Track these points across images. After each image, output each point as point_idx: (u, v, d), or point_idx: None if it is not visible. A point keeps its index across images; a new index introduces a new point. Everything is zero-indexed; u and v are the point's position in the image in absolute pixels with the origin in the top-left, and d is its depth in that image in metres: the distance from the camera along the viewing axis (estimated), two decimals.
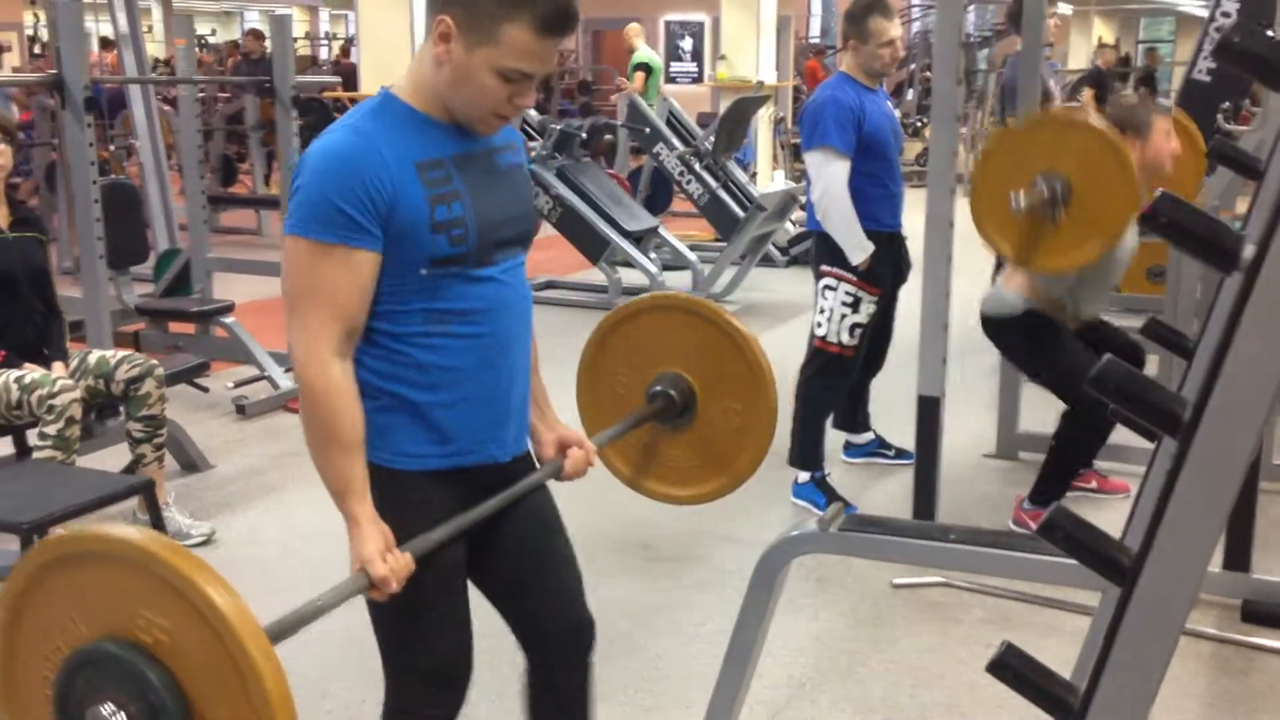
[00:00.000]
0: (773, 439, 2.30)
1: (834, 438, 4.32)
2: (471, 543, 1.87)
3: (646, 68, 10.72)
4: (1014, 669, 1.18)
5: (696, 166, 7.83)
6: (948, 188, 3.34)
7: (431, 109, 1.74)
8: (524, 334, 1.89)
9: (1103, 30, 23.23)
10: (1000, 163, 3.46)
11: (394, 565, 1.66)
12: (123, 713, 1.36)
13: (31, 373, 3.45)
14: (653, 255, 7.48)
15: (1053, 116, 3.86)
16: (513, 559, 1.96)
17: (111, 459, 3.96)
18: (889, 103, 4.06)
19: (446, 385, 1.77)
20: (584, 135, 7.58)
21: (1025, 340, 3.72)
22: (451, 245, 1.71)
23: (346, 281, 1.66)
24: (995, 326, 3.76)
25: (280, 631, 1.51)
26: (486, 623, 1.98)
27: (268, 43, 9.92)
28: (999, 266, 5.51)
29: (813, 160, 3.82)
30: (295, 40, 5.86)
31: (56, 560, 1.42)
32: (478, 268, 1.75)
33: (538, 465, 2.01)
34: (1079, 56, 20.01)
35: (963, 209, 3.49)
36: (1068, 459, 3.75)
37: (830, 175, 3.77)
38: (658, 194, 9.11)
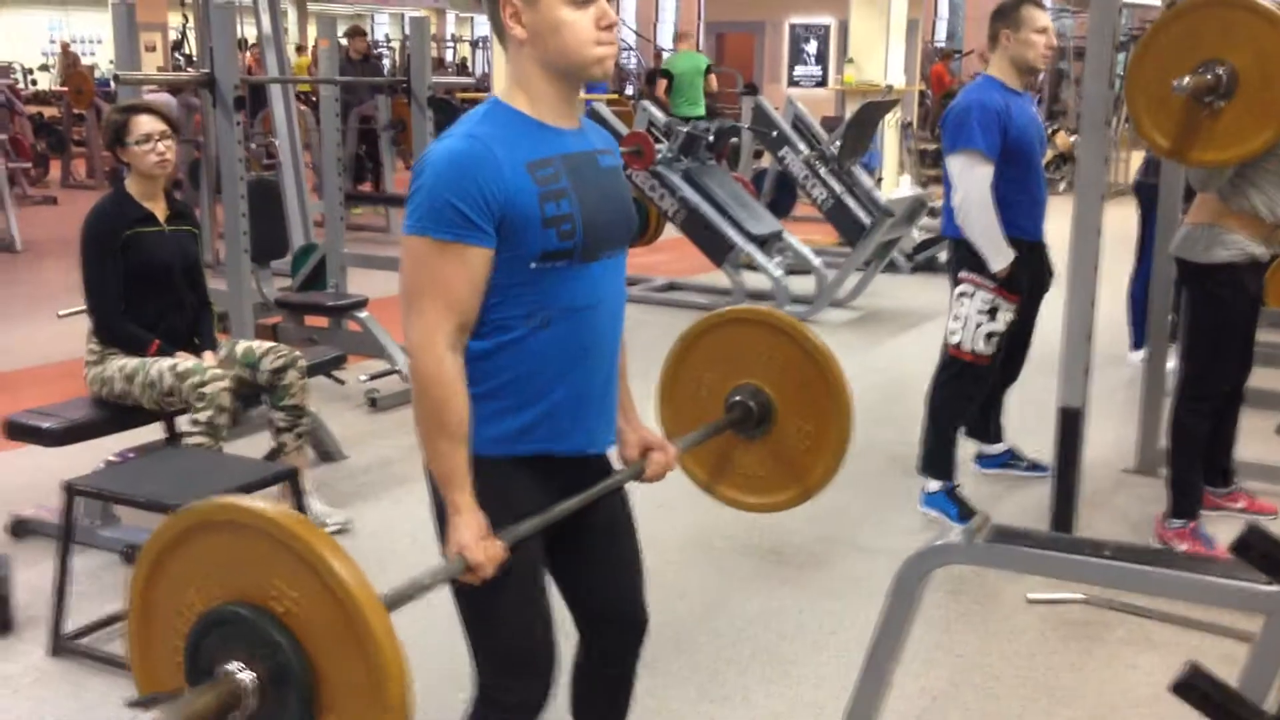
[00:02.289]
0: (845, 455, 2.33)
1: (965, 447, 4.23)
2: (546, 530, 1.94)
3: (668, 74, 10.90)
4: (1201, 691, 1.14)
5: (822, 170, 7.76)
6: (1097, 195, 3.25)
7: (538, 111, 1.83)
8: (617, 331, 1.97)
9: None
10: (1162, 46, 3.21)
11: (489, 552, 1.76)
12: (251, 670, 1.46)
13: (184, 361, 3.57)
14: (776, 259, 7.44)
15: None
16: (583, 551, 2.04)
17: (254, 447, 4.09)
18: (1033, 107, 3.97)
19: (543, 376, 1.85)
20: (710, 138, 7.57)
21: (1205, 293, 3.53)
22: (560, 240, 1.79)
23: (461, 276, 1.75)
24: (1185, 270, 3.57)
25: (396, 599, 1.62)
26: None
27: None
28: (1142, 253, 5.31)
29: (955, 164, 3.75)
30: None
31: (199, 525, 1.52)
32: (583, 263, 1.83)
33: (615, 465, 2.08)
34: None
35: (1110, 215, 3.39)
36: (1183, 455, 3.61)
37: (973, 180, 3.69)
38: (781, 198, 9.04)
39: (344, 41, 10.43)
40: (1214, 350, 3.53)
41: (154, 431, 3.92)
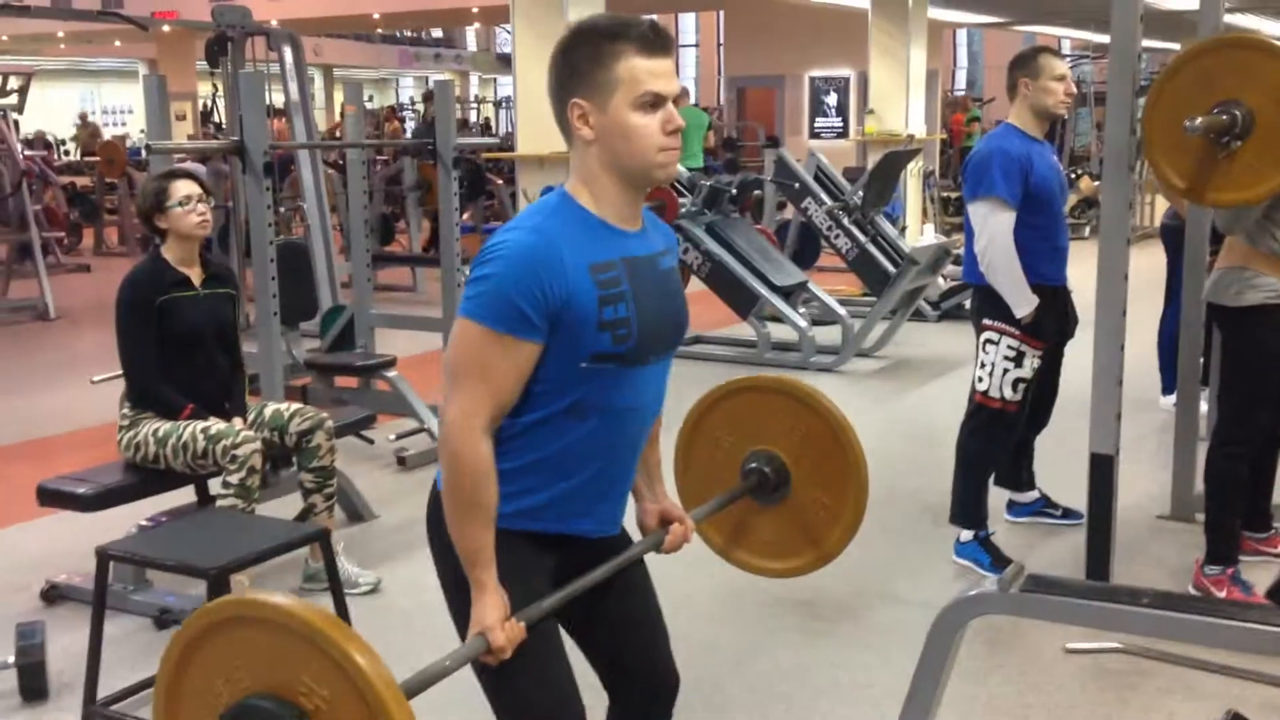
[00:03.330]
0: (860, 524, 2.32)
1: (997, 496, 4.20)
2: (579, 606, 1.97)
3: None
4: None
5: (845, 221, 7.78)
6: (1122, 239, 3.24)
7: (603, 210, 1.86)
8: (648, 430, 2.01)
9: None
10: (1178, 87, 3.19)
11: (510, 634, 1.80)
12: None
13: (217, 424, 3.60)
14: (802, 310, 7.45)
15: (1240, 38, 3.50)
16: (600, 613, 2.05)
17: (285, 508, 4.11)
18: (1054, 155, 3.98)
19: (567, 466, 1.89)
20: (733, 191, 7.62)
21: (1239, 335, 3.52)
22: (615, 344, 1.82)
23: (509, 367, 1.78)
24: (1226, 318, 3.56)
25: (410, 690, 1.63)
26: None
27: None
28: (1170, 297, 5.26)
29: (977, 211, 3.75)
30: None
31: (232, 619, 1.54)
32: (632, 366, 1.86)
33: (632, 536, 2.11)
34: None
35: (1136, 260, 3.38)
36: (1221, 501, 3.56)
37: (995, 227, 3.70)
38: (805, 249, 9.07)
39: (421, 106, 10.52)
40: (1250, 393, 3.50)
41: (186, 495, 3.94)
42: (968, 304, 4.30)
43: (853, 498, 2.30)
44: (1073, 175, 14.78)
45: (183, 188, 3.67)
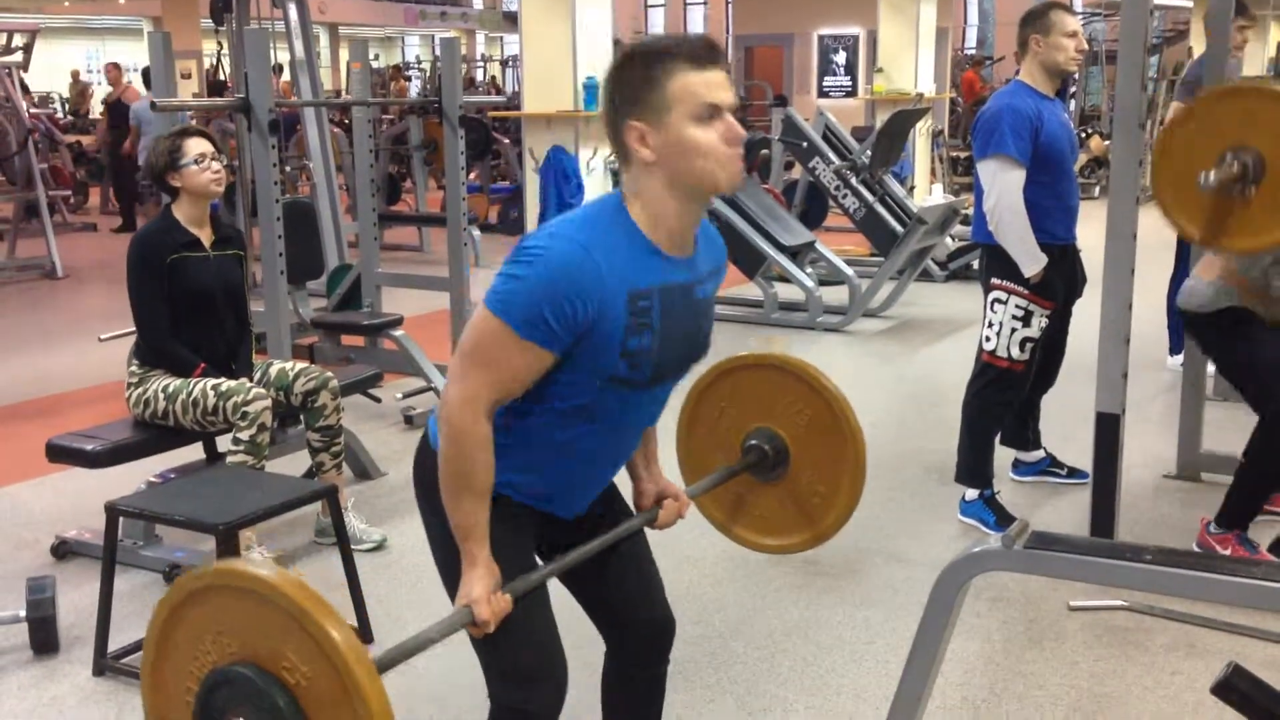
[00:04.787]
0: (857, 504, 2.33)
1: (1003, 455, 4.21)
2: (550, 545, 2.04)
3: None
4: (1242, 691, 1.13)
5: (853, 180, 7.75)
6: (1131, 198, 3.23)
7: (658, 236, 1.82)
8: (642, 431, 2.06)
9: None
10: (1186, 137, 3.20)
11: (496, 607, 1.82)
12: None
13: (227, 381, 3.61)
14: (809, 270, 7.43)
15: (1243, 86, 3.57)
16: (599, 565, 2.07)
17: (293, 465, 4.13)
18: (1065, 113, 3.95)
19: (562, 458, 1.92)
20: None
21: (1219, 337, 3.56)
22: (630, 371, 1.83)
23: (522, 368, 1.78)
24: (1194, 322, 3.61)
25: (388, 662, 1.69)
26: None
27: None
28: (1180, 259, 5.30)
29: (986, 169, 3.73)
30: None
31: (220, 586, 1.57)
32: (643, 389, 1.88)
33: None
34: (1255, 63, 19.13)
35: (1145, 219, 3.37)
36: (1260, 476, 3.57)
37: (1005, 185, 3.68)
38: (812, 209, 9.04)
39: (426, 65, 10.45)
40: (1266, 378, 3.50)
41: (194, 452, 3.96)
42: (975, 264, 4.29)
43: (849, 484, 2.31)
44: (1083, 134, 14.72)
45: (196, 145, 3.66)
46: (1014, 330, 3.80)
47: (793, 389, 2.32)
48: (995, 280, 3.83)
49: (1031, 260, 3.72)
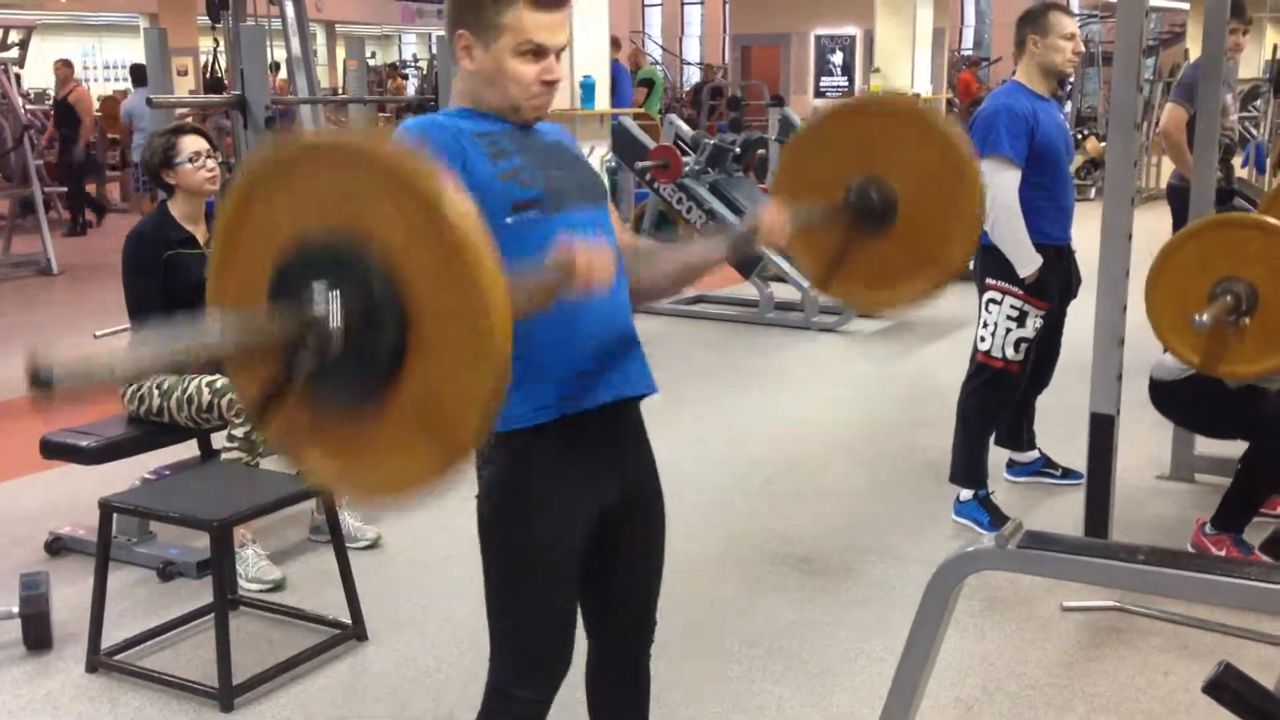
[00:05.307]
0: (979, 231, 2.27)
1: (997, 455, 4.21)
2: (594, 523, 1.96)
3: (649, 83, 11.30)
4: (1233, 690, 1.13)
5: None
6: (1127, 199, 3.23)
7: (485, 108, 1.92)
8: (619, 283, 1.92)
9: (1276, 39, 22.20)
10: (1178, 266, 3.34)
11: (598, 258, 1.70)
12: (341, 300, 1.42)
13: (222, 378, 3.61)
14: None
15: (1232, 218, 3.74)
16: (618, 550, 2.04)
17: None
18: (1061, 113, 3.95)
19: (547, 332, 1.83)
20: (737, 150, 7.59)
21: (1189, 403, 3.66)
22: (522, 189, 1.85)
23: None
24: (1160, 391, 3.71)
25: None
26: None
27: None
28: None
29: (982, 169, 3.72)
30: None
31: (301, 155, 1.51)
32: (556, 213, 1.86)
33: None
34: (1250, 65, 19.18)
35: (1140, 221, 3.38)
36: (1258, 482, 3.58)
37: (1000, 185, 3.68)
38: None
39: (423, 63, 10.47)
40: (1237, 417, 3.55)
41: (189, 449, 3.96)
42: (971, 264, 4.29)
43: (967, 203, 2.21)
44: (1079, 136, 14.73)
45: (191, 143, 3.66)
46: (1009, 331, 3.81)
47: (899, 131, 2.24)
48: (990, 281, 3.83)
49: (1027, 261, 3.73)
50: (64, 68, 12.69)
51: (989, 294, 3.84)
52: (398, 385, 1.45)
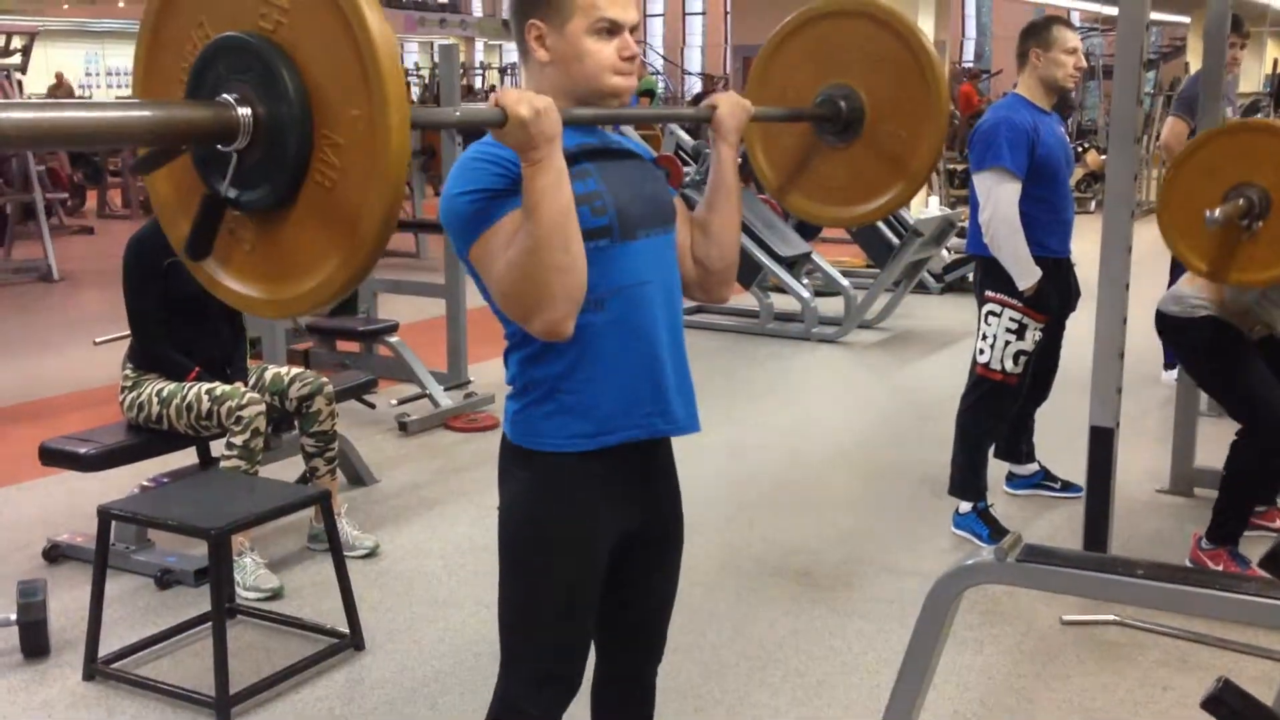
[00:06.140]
0: (943, 142, 2.25)
1: (997, 468, 4.21)
2: (617, 543, 1.94)
3: (650, 93, 11.55)
4: (1231, 707, 1.13)
5: None
6: (1126, 212, 3.24)
7: (567, 100, 1.84)
8: (674, 309, 1.94)
9: (1276, 53, 22.26)
10: (1191, 173, 3.28)
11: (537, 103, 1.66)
12: (246, 84, 1.60)
13: (221, 385, 3.61)
14: (805, 281, 7.44)
15: (1248, 123, 3.66)
16: (635, 572, 2.01)
17: (287, 470, 4.13)
18: (1061, 127, 3.96)
19: (603, 360, 1.83)
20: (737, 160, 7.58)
21: (1203, 348, 3.58)
22: (594, 216, 1.79)
23: (511, 225, 1.73)
24: (1172, 326, 3.63)
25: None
26: None
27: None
28: (1174, 274, 5.33)
29: (983, 182, 3.74)
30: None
31: None
32: (623, 240, 1.83)
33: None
34: (1251, 79, 19.24)
35: (1140, 234, 3.38)
36: (1242, 489, 3.57)
37: (1001, 198, 3.69)
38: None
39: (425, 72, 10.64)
40: (1245, 394, 3.51)
41: (188, 456, 3.96)
42: (971, 277, 4.30)
43: (932, 115, 2.20)
44: (1080, 149, 14.76)
45: None
46: (1008, 343, 3.81)
47: (873, 39, 2.22)
48: (990, 293, 3.83)
49: (1026, 273, 3.73)
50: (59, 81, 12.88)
51: (988, 306, 3.84)
52: (306, 182, 1.62)
